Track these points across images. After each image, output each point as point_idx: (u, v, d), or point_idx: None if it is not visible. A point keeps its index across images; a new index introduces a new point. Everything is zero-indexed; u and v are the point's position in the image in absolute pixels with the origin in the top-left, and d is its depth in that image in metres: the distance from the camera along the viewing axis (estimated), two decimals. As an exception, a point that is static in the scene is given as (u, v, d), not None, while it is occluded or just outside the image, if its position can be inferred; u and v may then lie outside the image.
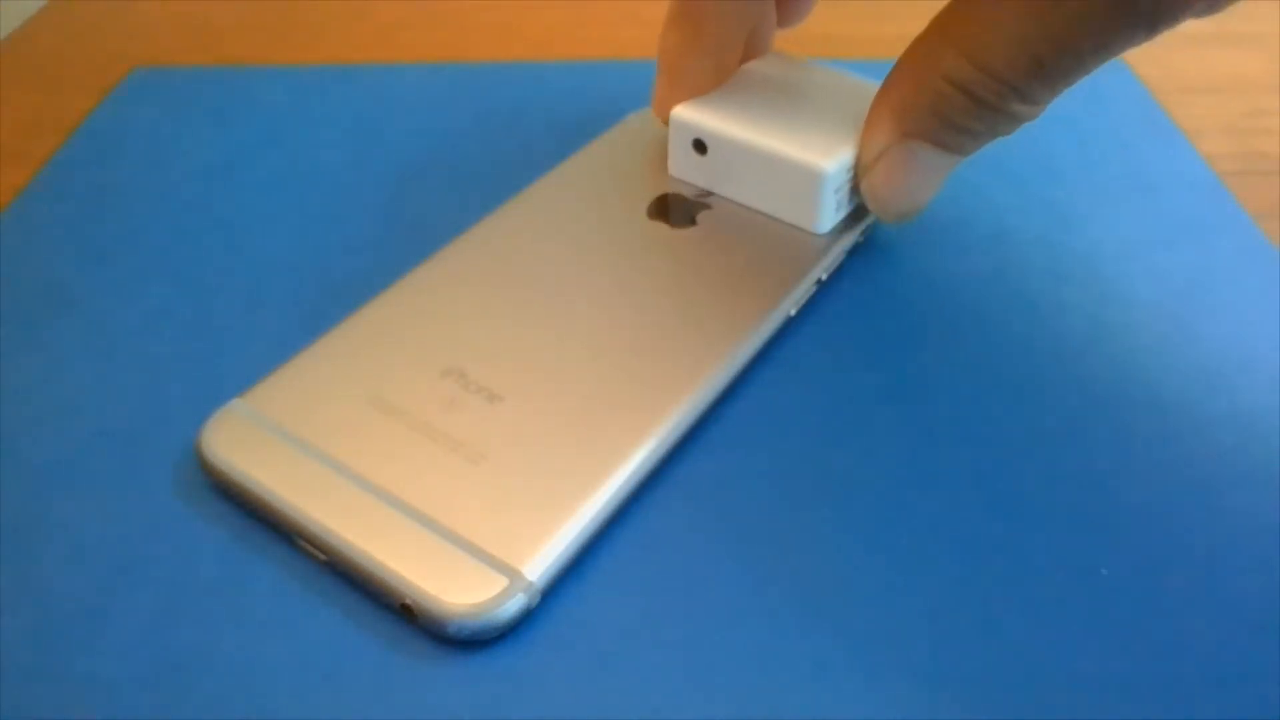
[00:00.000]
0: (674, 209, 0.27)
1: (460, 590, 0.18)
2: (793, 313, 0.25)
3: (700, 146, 0.27)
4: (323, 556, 0.19)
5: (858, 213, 0.27)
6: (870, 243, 0.28)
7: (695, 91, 0.27)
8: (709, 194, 0.28)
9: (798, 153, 0.25)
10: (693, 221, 0.27)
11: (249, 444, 0.21)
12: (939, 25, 0.22)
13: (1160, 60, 0.37)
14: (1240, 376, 0.24)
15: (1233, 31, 0.39)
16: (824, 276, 0.26)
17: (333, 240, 0.28)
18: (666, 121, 0.27)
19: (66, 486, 0.21)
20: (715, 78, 0.27)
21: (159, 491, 0.21)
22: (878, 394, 0.24)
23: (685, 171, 0.28)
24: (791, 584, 0.20)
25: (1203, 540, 0.21)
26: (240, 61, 0.37)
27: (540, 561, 0.19)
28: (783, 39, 0.30)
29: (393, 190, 0.30)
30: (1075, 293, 0.27)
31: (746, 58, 0.29)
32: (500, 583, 0.18)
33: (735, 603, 0.19)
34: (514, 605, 0.18)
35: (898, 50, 0.23)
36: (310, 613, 0.19)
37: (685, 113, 0.27)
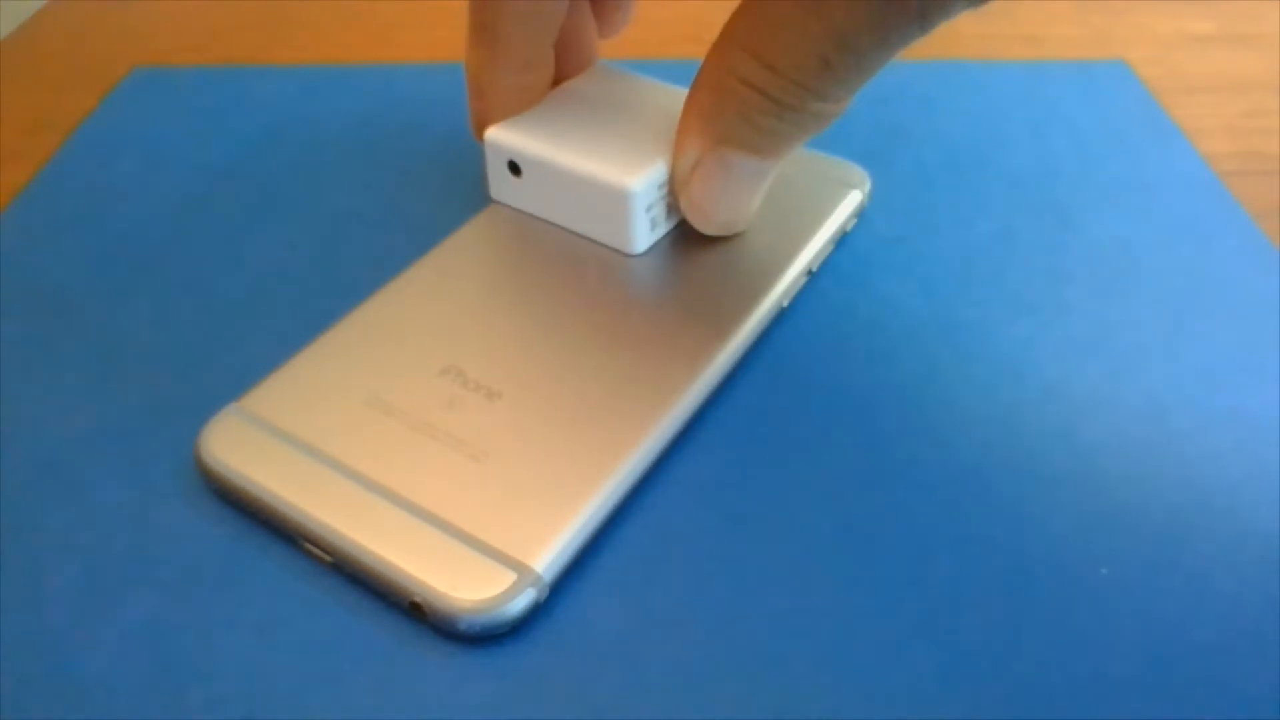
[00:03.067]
0: None
1: (469, 587, 0.18)
2: (785, 304, 0.25)
3: (515, 168, 0.26)
4: (328, 558, 0.19)
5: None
6: (865, 240, 0.28)
7: (505, 109, 0.26)
8: None
9: (605, 172, 0.24)
10: None
11: (249, 448, 0.21)
12: (729, 25, 0.22)
13: (1160, 60, 0.37)
14: (1240, 376, 0.24)
15: (1233, 31, 0.39)
16: (814, 268, 0.26)
17: (332, 240, 0.28)
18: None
19: (67, 486, 0.21)
20: (527, 95, 0.26)
21: (159, 491, 0.21)
22: (876, 390, 0.24)
23: (504, 194, 0.27)
24: (792, 582, 0.20)
25: (1203, 541, 0.21)
26: (240, 61, 0.37)
27: (548, 556, 0.19)
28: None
29: (392, 190, 0.30)
30: (1075, 293, 0.27)
31: (570, 71, 0.28)
32: (509, 578, 0.18)
33: (738, 599, 0.19)
34: (523, 600, 0.18)
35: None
36: (312, 612, 0.19)
37: (497, 134, 0.26)
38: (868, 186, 0.28)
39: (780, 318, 0.25)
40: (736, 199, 0.24)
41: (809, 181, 0.27)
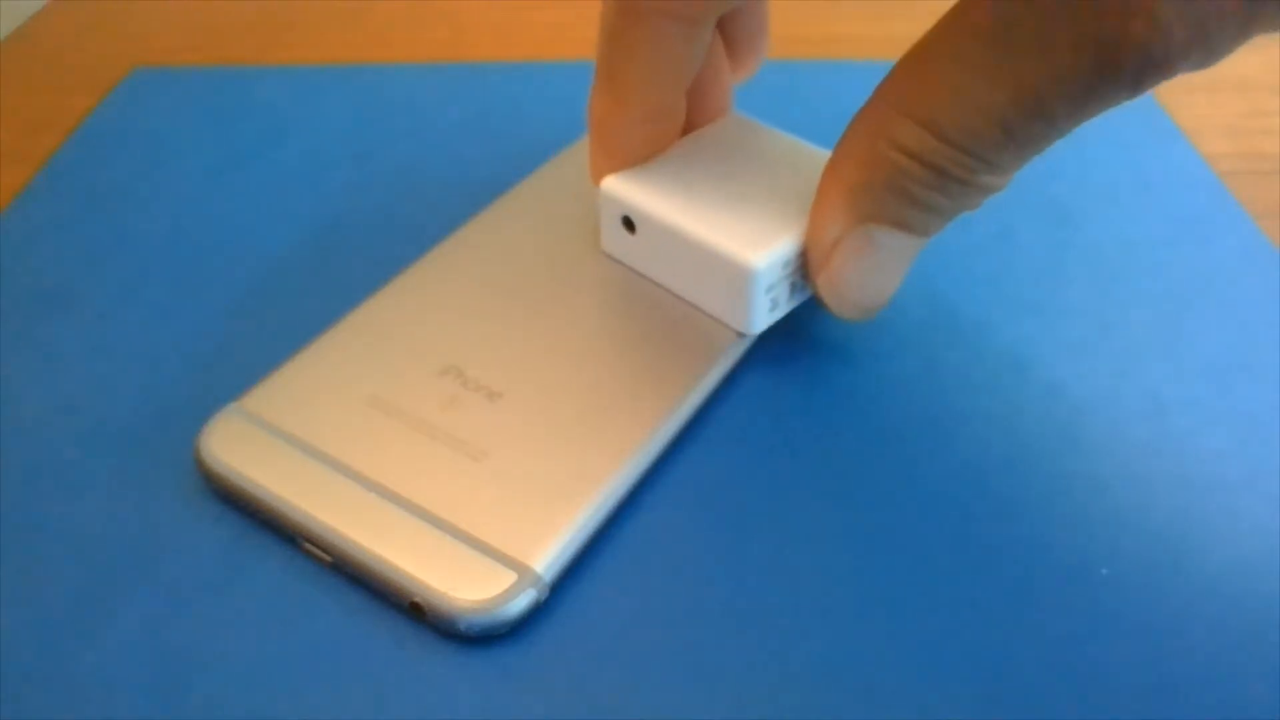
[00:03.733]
0: None
1: (470, 587, 0.18)
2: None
3: (629, 224, 0.24)
4: (328, 559, 0.19)
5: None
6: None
7: (629, 160, 0.24)
8: None
9: (728, 243, 0.22)
10: None
11: (249, 448, 0.21)
12: (889, 90, 0.19)
13: (1160, 60, 0.36)
14: (1240, 376, 0.24)
15: (1233, 31, 0.39)
16: None
17: (332, 240, 0.28)
18: None
19: (66, 486, 0.21)
20: (652, 145, 0.24)
21: (159, 491, 0.21)
22: (877, 390, 0.24)
23: (617, 249, 0.25)
24: (792, 581, 0.20)
25: (1203, 541, 0.21)
26: (240, 61, 0.37)
27: (548, 556, 0.19)
28: (778, 39, 0.30)
29: (391, 190, 0.30)
30: (1076, 293, 0.27)
31: (701, 118, 0.26)
32: (509, 578, 0.18)
33: (738, 599, 0.19)
34: (524, 600, 0.18)
35: (899, 50, 0.21)
36: (312, 612, 0.19)
37: (613, 186, 0.24)
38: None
39: (780, 320, 0.25)
40: (881, 281, 0.22)
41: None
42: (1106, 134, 0.32)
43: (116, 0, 0.41)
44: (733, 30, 0.25)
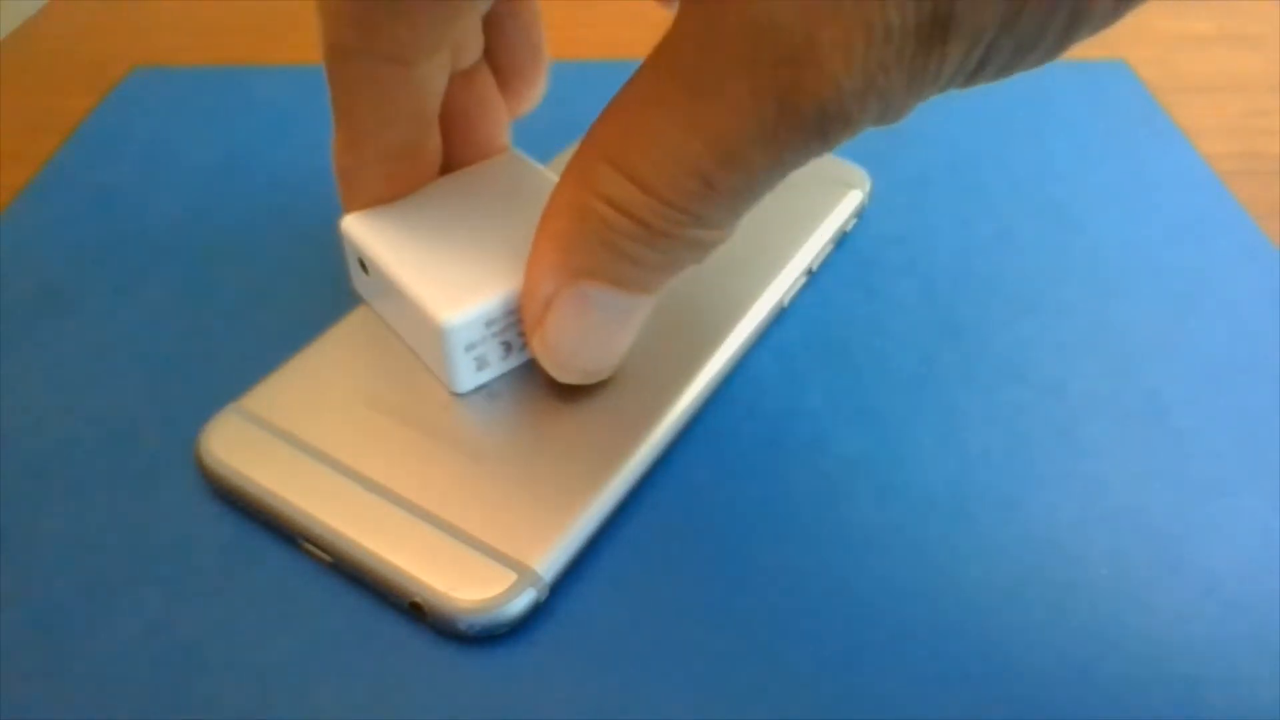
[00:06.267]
0: None
1: (470, 587, 0.18)
2: (785, 304, 0.25)
3: (363, 265, 0.23)
4: (328, 558, 0.19)
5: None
6: (865, 240, 0.28)
7: (371, 200, 0.23)
8: None
9: (429, 297, 0.21)
10: None
11: (249, 448, 0.21)
12: (592, 132, 0.18)
13: (1160, 60, 0.37)
14: (1240, 376, 0.24)
15: (1233, 31, 0.39)
16: (814, 267, 0.26)
17: (332, 240, 0.28)
18: None
19: (66, 486, 0.21)
20: (399, 183, 0.23)
21: (159, 491, 0.21)
22: (877, 390, 0.24)
23: (361, 289, 0.24)
24: (792, 581, 0.20)
25: (1203, 541, 0.21)
26: (240, 61, 0.37)
27: (548, 556, 0.19)
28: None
29: (393, 190, 0.30)
30: (1075, 293, 0.27)
31: (473, 154, 0.24)
32: (509, 578, 0.18)
33: (738, 599, 0.19)
34: (524, 600, 0.18)
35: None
36: (312, 612, 0.19)
37: (349, 225, 0.23)
38: (868, 186, 0.28)
39: (780, 317, 0.25)
40: (600, 342, 0.20)
41: (809, 181, 0.27)
42: (1106, 134, 0.32)
43: (116, 0, 0.41)
44: (502, 61, 0.24)
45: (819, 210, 0.27)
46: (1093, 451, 0.22)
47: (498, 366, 0.22)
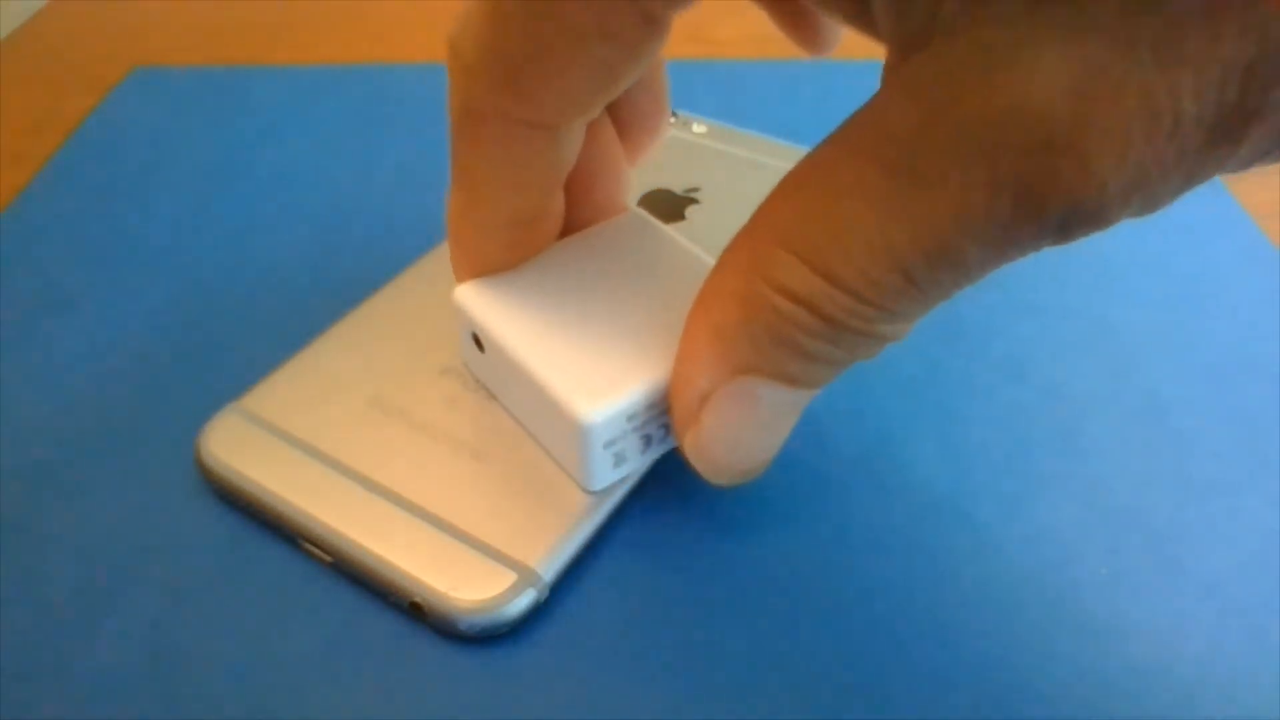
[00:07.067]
0: (661, 205, 0.27)
1: (470, 587, 0.18)
2: None
3: (478, 342, 0.21)
4: (328, 559, 0.19)
5: None
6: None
7: (489, 265, 0.21)
8: (693, 200, 0.27)
9: (563, 388, 0.19)
10: (681, 217, 0.27)
11: (249, 448, 0.21)
12: (765, 211, 0.16)
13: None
14: (1240, 376, 0.24)
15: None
16: None
17: (332, 240, 0.28)
18: None
19: (66, 486, 0.21)
20: (519, 249, 0.21)
21: (159, 491, 0.21)
22: (876, 390, 0.24)
23: (473, 364, 0.22)
24: (792, 581, 0.20)
25: (1203, 541, 0.21)
26: (240, 61, 0.37)
27: (548, 557, 0.19)
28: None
29: (392, 190, 0.30)
30: (1076, 293, 0.27)
31: (590, 214, 0.22)
32: (509, 578, 0.18)
33: (738, 599, 0.19)
34: (524, 600, 0.18)
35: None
36: (312, 612, 0.19)
37: (464, 296, 0.20)
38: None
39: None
40: (760, 442, 0.18)
41: None
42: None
43: (116, 0, 0.41)
44: (623, 111, 0.21)
45: None
46: (1093, 451, 0.22)
47: (635, 461, 0.20)
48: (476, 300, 0.20)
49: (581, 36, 0.16)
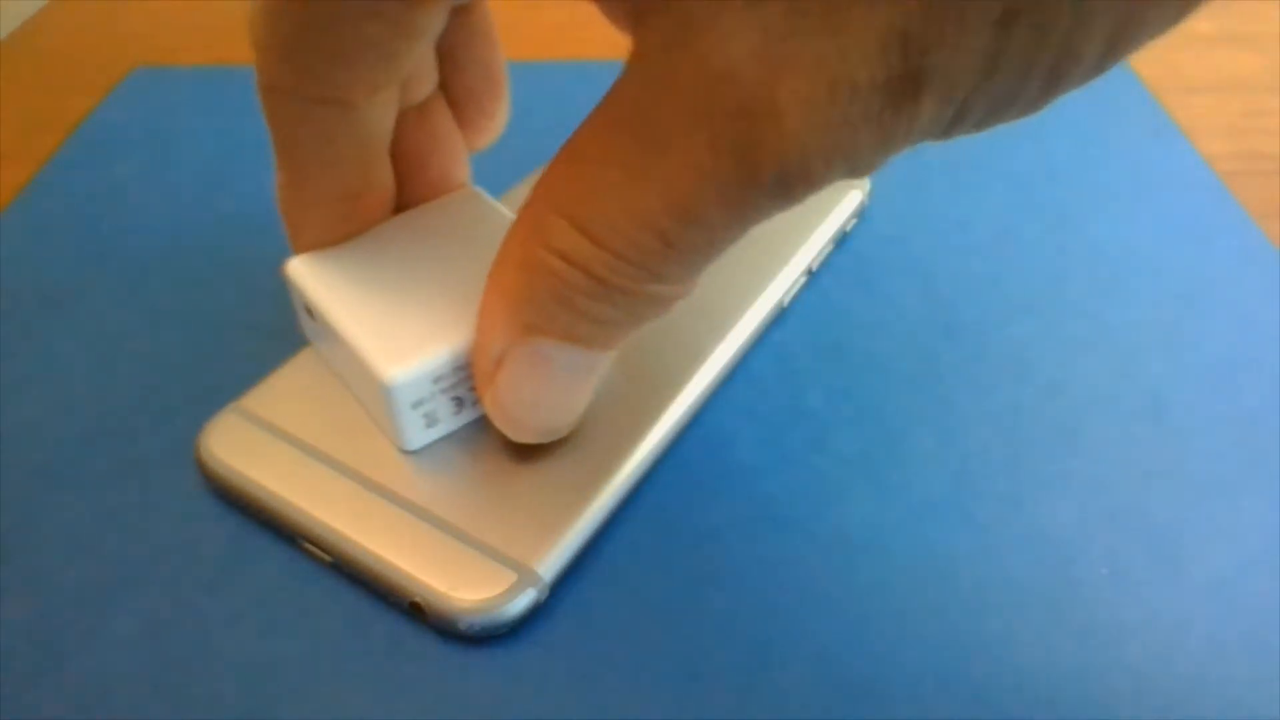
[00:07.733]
0: None
1: (470, 587, 0.18)
2: (785, 304, 0.25)
3: (310, 312, 0.21)
4: (328, 558, 0.19)
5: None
6: (865, 240, 0.28)
7: (319, 240, 0.21)
8: None
9: (374, 351, 0.19)
10: None
11: (250, 448, 0.21)
12: (544, 187, 0.17)
13: (1161, 60, 0.37)
14: (1240, 376, 0.24)
15: (1233, 31, 0.39)
16: (814, 266, 0.26)
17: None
18: None
19: (66, 486, 0.21)
20: (348, 223, 0.21)
21: (159, 491, 0.21)
22: (876, 390, 0.24)
23: (310, 334, 0.23)
24: (792, 581, 0.20)
25: (1203, 541, 0.21)
26: (240, 61, 0.37)
27: (548, 556, 0.19)
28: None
29: (393, 190, 0.30)
30: (1076, 293, 0.27)
31: (428, 191, 0.23)
32: (509, 578, 0.18)
33: (738, 599, 0.19)
34: (524, 600, 0.18)
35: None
36: (312, 612, 0.19)
37: (294, 269, 0.21)
38: (868, 186, 0.28)
39: (780, 317, 0.25)
40: (557, 401, 0.19)
41: None
42: (1106, 134, 0.32)
43: (116, 0, 0.41)
44: (457, 93, 0.22)
45: (819, 210, 0.27)
46: (1093, 451, 0.22)
47: (449, 423, 0.21)
48: (305, 272, 0.21)
49: (350, 15, 0.17)
